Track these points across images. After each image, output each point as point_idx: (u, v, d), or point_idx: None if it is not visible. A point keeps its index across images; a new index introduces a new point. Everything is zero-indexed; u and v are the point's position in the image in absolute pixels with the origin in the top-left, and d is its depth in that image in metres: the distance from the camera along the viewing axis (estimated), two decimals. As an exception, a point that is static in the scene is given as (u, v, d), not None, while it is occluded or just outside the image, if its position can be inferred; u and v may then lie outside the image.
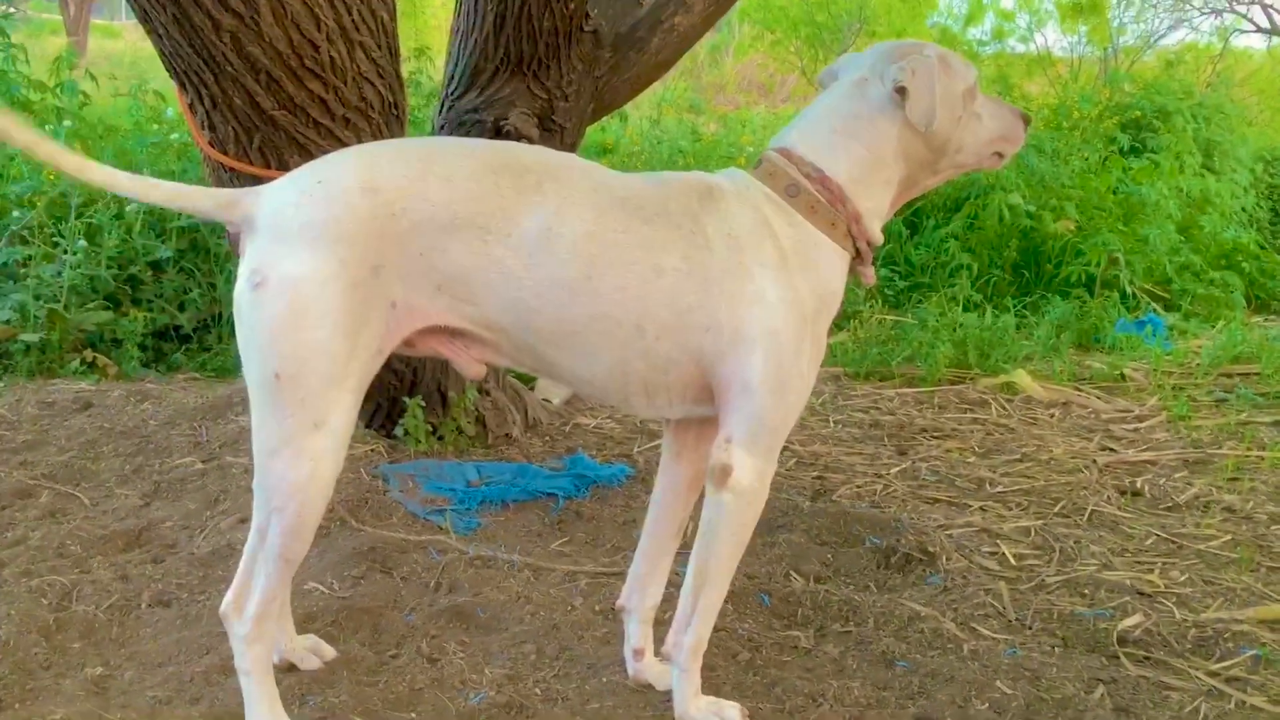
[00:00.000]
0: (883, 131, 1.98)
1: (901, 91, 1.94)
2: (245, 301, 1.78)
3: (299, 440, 1.79)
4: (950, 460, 3.80)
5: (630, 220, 1.88)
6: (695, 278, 1.87)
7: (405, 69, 6.89)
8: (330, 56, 2.51)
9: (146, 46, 3.62)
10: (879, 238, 2.03)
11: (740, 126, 9.86)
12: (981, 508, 3.36)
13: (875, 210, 2.01)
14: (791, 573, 2.80)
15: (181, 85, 2.64)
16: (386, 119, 2.73)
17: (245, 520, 3.00)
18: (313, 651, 2.28)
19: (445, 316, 1.88)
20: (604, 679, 2.28)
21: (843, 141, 1.99)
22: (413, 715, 2.12)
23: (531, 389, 3.95)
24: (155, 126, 6.10)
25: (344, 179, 1.82)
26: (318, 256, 1.76)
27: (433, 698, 2.18)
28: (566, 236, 1.84)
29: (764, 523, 3.09)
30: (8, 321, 4.36)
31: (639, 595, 2.25)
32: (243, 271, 1.80)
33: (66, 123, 5.51)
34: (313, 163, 1.89)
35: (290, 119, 2.58)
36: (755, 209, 1.94)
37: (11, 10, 6.15)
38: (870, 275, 2.07)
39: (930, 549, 2.94)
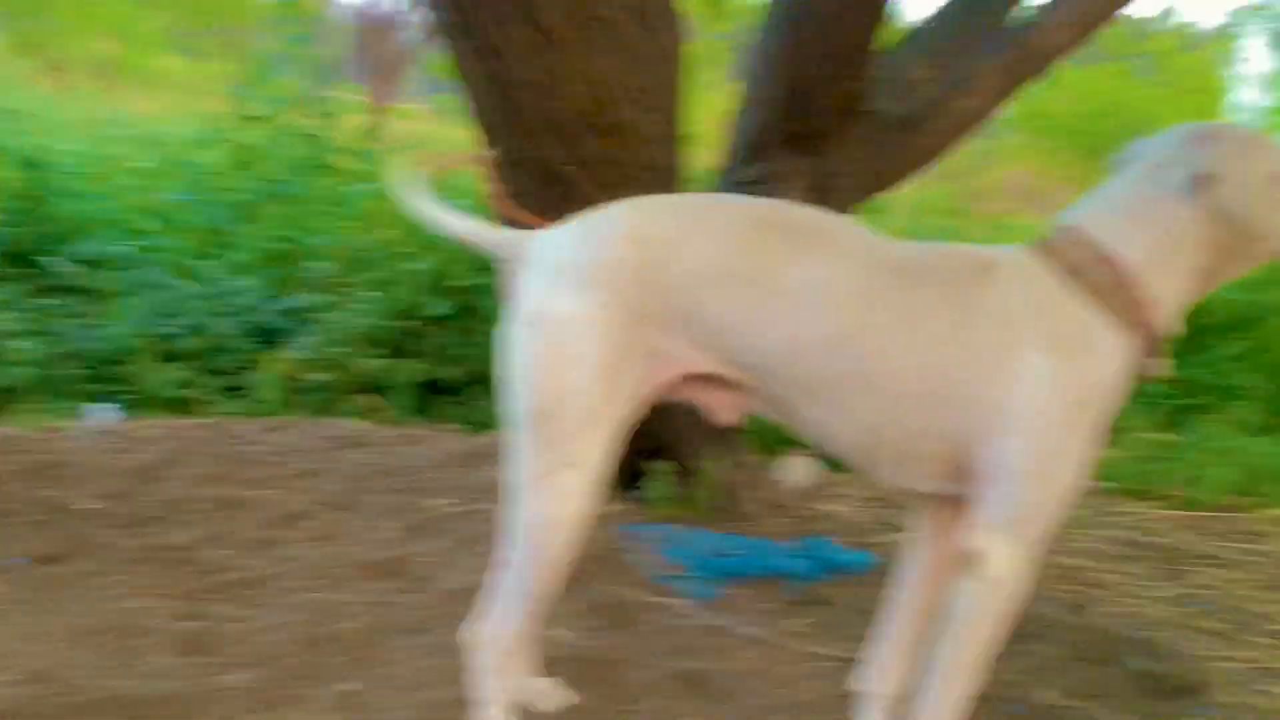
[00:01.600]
0: (1183, 218, 1.86)
1: (1205, 178, 1.83)
2: (517, 336, 1.87)
3: (553, 476, 1.85)
4: (1227, 590, 3.49)
5: (900, 284, 1.85)
6: (960, 349, 1.82)
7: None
8: (625, 118, 2.63)
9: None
10: (1173, 328, 1.91)
11: (1004, 232, 9.61)
12: (1262, 644, 3.06)
13: (1169, 298, 1.89)
14: (1045, 686, 2.64)
15: (486, 139, 2.82)
16: (669, 181, 2.82)
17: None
18: (553, 695, 2.31)
19: (703, 364, 1.90)
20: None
21: (1136, 225, 1.89)
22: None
23: (778, 468, 3.92)
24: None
25: (616, 227, 1.89)
26: (585, 299, 1.82)
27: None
28: (831, 293, 1.84)
29: (1018, 630, 2.94)
30: (299, 361, 4.73)
31: (879, 680, 2.16)
32: (511, 310, 1.88)
33: (365, 185, 6.00)
34: (587, 213, 1.97)
35: (581, 175, 2.71)
36: (1032, 285, 1.87)
37: (326, 88, 6.83)
38: (1161, 368, 1.94)
39: (1198, 680, 2.70)
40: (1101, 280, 1.86)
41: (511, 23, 2.44)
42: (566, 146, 2.65)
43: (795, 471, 3.98)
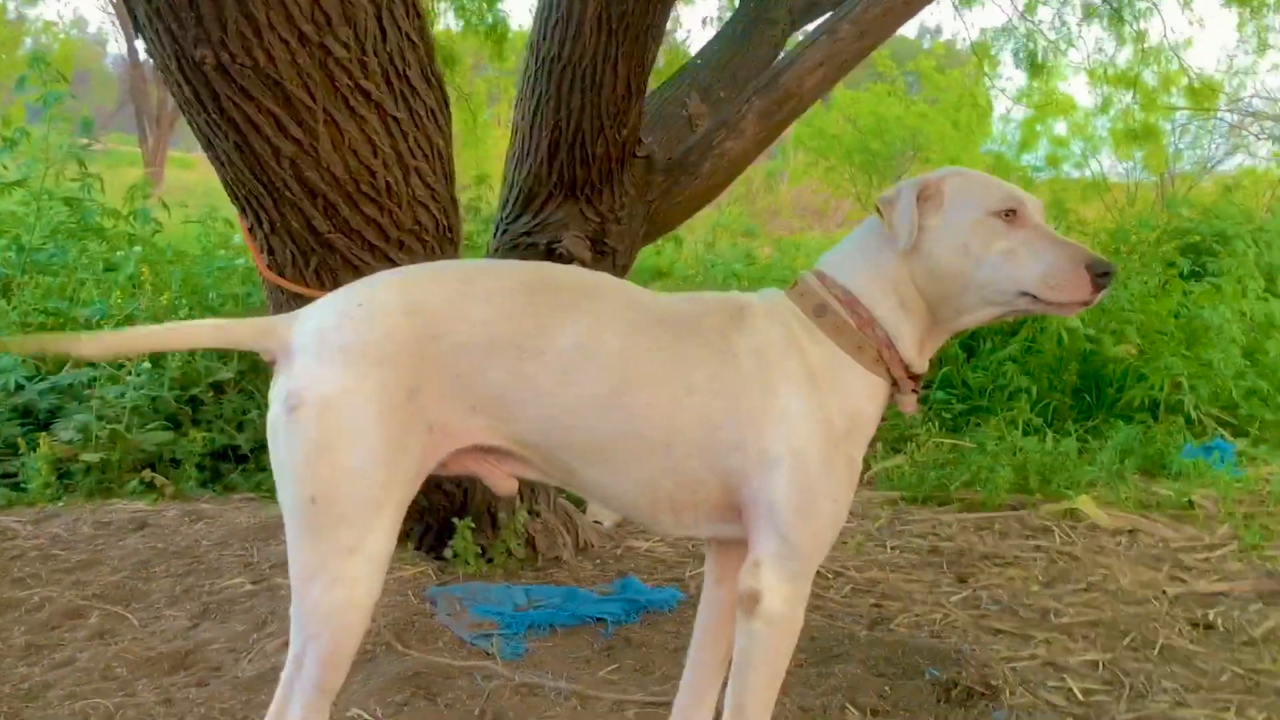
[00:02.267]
0: (887, 253, 1.95)
1: (879, 210, 1.94)
2: (281, 424, 1.78)
3: (335, 566, 1.77)
4: (1013, 589, 3.68)
5: (662, 337, 1.88)
6: (723, 396, 1.86)
7: (465, 196, 7.12)
8: (386, 182, 2.58)
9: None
10: (918, 366, 1.97)
11: (794, 250, 9.97)
12: (1046, 639, 3.23)
13: (908, 336, 1.95)
14: (848, 705, 2.70)
15: (242, 210, 2.72)
16: (440, 242, 2.78)
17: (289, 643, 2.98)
18: None
19: (480, 436, 1.88)
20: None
21: (861, 262, 1.98)
22: None
23: (583, 511, 3.91)
24: (222, 252, 6.29)
25: (385, 301, 1.83)
26: (357, 378, 1.76)
27: (473, 832, 2.10)
28: (599, 353, 1.85)
29: (819, 651, 3.02)
30: (70, 442, 4.43)
31: None
32: (277, 394, 1.80)
33: (137, 248, 5.70)
34: (352, 284, 1.91)
35: (346, 242, 2.64)
36: (784, 326, 1.93)
37: (91, 143, 6.44)
38: (908, 405, 1.99)
39: (993, 683, 2.82)
40: (840, 321, 1.93)
41: (257, 96, 2.35)
42: (329, 214, 2.58)
43: (606, 511, 3.97)
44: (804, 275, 2.01)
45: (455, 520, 3.31)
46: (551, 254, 3.13)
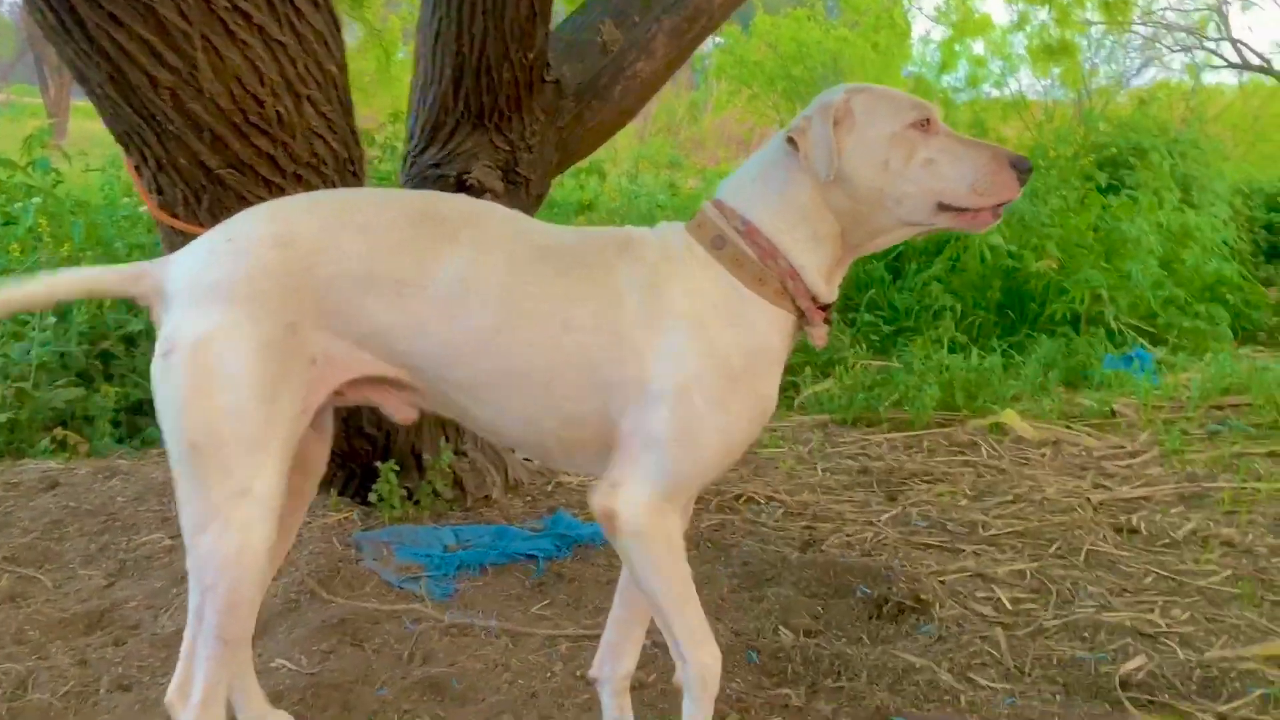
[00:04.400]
0: (798, 183, 1.84)
1: (795, 140, 1.82)
2: (157, 371, 1.72)
3: (225, 512, 1.71)
4: (941, 504, 3.71)
5: (545, 273, 1.81)
6: (605, 333, 1.78)
7: (383, 135, 6.92)
8: (277, 112, 2.45)
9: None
10: (826, 295, 1.86)
11: (719, 179, 9.89)
12: (975, 552, 3.26)
13: (814, 266, 1.84)
14: (780, 627, 2.70)
15: (125, 147, 2.58)
16: (342, 174, 2.67)
17: (212, 596, 2.91)
18: None
19: (369, 367, 1.82)
20: (585, 748, 2.18)
21: (766, 193, 1.86)
22: (382, 796, 2.01)
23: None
24: (126, 200, 6.07)
25: (256, 234, 1.77)
26: (228, 316, 1.70)
27: (405, 776, 2.07)
28: (481, 288, 1.78)
29: (751, 576, 3.02)
30: (-24, 402, 4.27)
31: (611, 664, 2.12)
32: (158, 343, 1.73)
33: (35, 199, 5.47)
34: (225, 221, 1.84)
35: (238, 177, 2.51)
36: (674, 261, 1.83)
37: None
38: (819, 337, 1.89)
39: (923, 597, 2.84)
40: (739, 253, 1.83)
41: (126, 22, 2.21)
42: (217, 148, 2.45)
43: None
44: (704, 205, 1.92)
45: (379, 464, 3.24)
46: (463, 185, 3.03)
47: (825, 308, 1.88)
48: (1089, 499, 3.71)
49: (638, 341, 1.78)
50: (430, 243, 1.78)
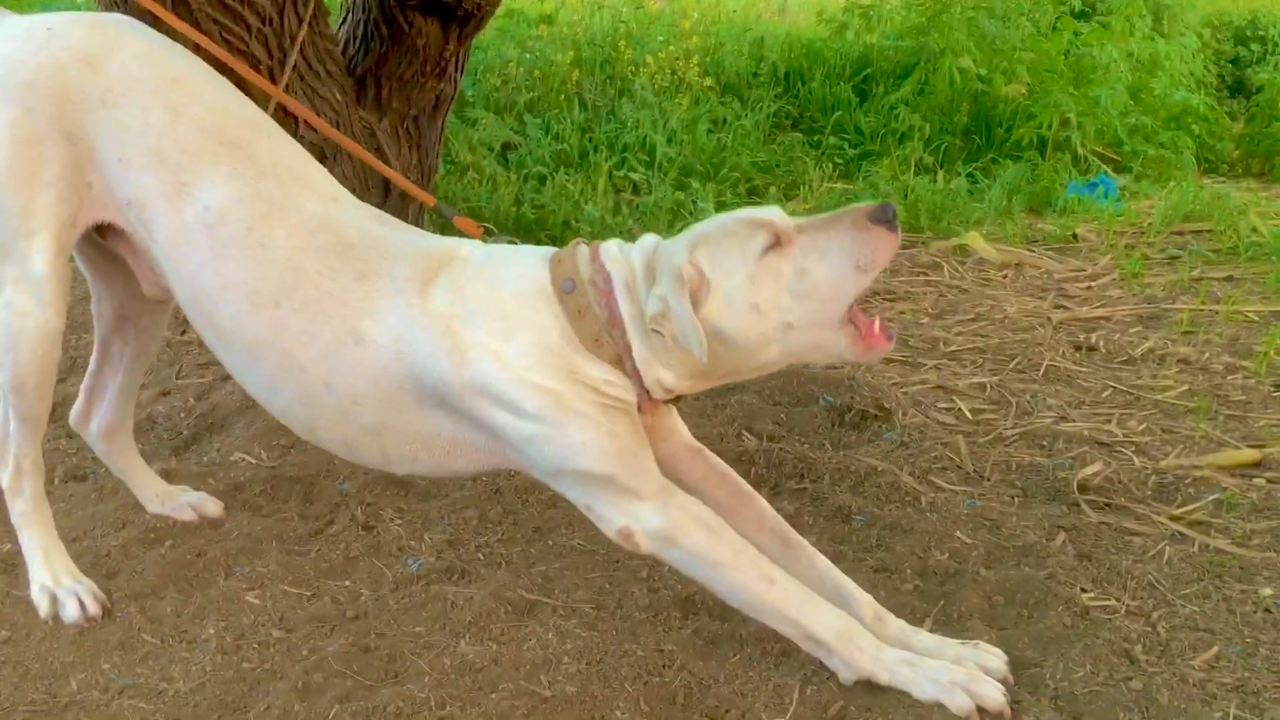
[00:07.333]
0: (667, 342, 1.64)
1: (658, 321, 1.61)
2: None
3: (3, 298, 1.77)
4: (904, 321, 3.71)
5: (341, 269, 1.69)
6: (406, 361, 1.65)
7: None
8: None
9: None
10: (661, 391, 1.68)
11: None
12: (936, 366, 3.28)
13: (660, 368, 1.66)
14: (744, 432, 2.71)
15: None
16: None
17: (167, 393, 2.86)
18: (196, 507, 2.20)
19: (130, 229, 1.79)
20: (549, 541, 2.19)
21: (642, 291, 1.65)
22: (347, 583, 2.02)
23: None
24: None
25: (73, 38, 1.73)
26: (3, 93, 1.71)
27: (368, 565, 2.07)
28: (267, 245, 1.69)
29: (718, 388, 3.00)
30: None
31: None
32: None
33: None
34: (72, 12, 1.81)
35: None
36: (500, 290, 1.67)
37: None
38: (646, 418, 1.73)
39: (886, 405, 2.86)
40: (584, 305, 1.65)
41: None
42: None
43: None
44: (578, 245, 1.73)
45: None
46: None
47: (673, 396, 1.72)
48: (1049, 318, 3.73)
49: (441, 372, 1.65)
50: (228, 157, 1.71)
